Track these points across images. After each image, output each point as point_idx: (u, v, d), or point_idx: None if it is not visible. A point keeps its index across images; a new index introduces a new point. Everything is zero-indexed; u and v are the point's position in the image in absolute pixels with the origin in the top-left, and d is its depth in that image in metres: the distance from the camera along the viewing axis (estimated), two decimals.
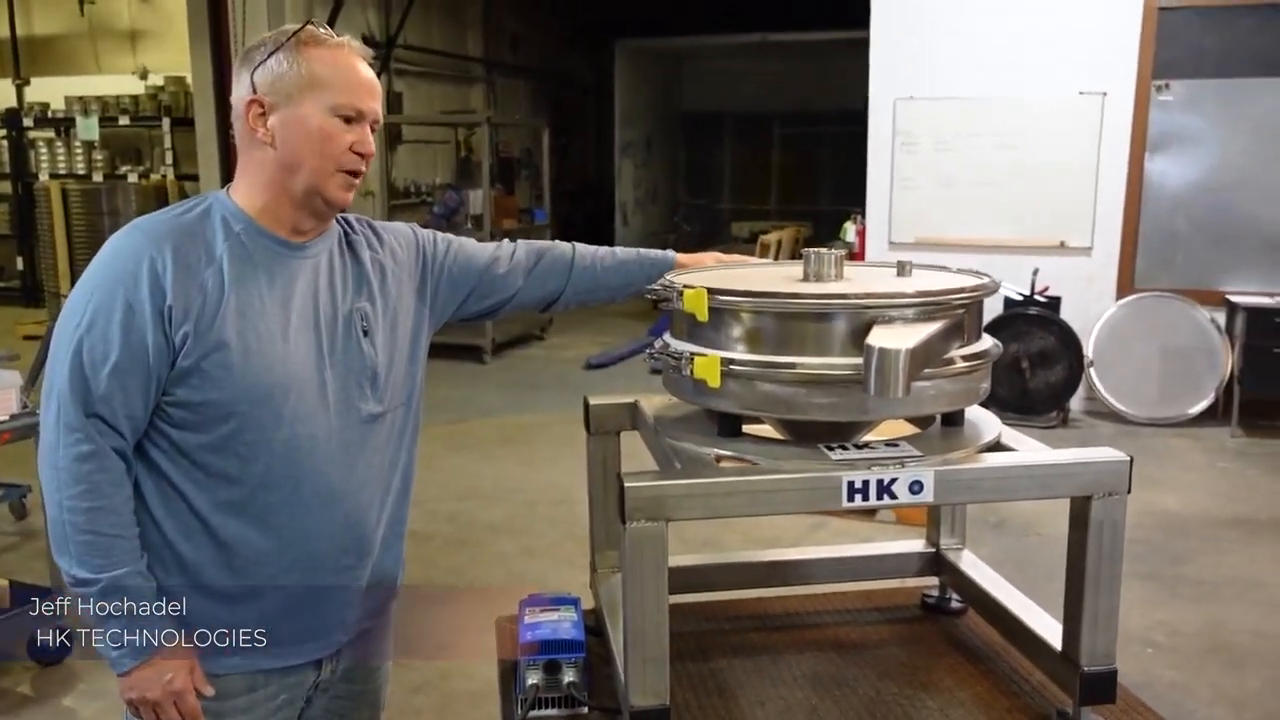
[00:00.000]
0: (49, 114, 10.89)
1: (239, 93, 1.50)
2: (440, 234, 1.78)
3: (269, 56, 1.48)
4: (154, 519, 1.48)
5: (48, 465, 1.44)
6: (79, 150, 10.48)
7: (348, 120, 1.49)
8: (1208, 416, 6.37)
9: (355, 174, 1.52)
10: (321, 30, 1.51)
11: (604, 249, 1.86)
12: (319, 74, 1.47)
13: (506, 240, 1.86)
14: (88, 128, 10.32)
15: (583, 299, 1.84)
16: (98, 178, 10.23)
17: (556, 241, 1.87)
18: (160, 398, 1.44)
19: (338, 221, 1.62)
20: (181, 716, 1.47)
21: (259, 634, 1.51)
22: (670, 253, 1.88)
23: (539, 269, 1.80)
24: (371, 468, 1.58)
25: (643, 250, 1.90)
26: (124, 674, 1.45)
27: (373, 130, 1.53)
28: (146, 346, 1.40)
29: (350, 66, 1.50)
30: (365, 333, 1.57)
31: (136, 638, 1.43)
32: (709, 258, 1.87)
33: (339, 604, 1.58)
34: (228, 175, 8.25)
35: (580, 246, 1.85)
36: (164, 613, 1.45)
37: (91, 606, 1.43)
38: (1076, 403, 6.63)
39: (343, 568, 1.57)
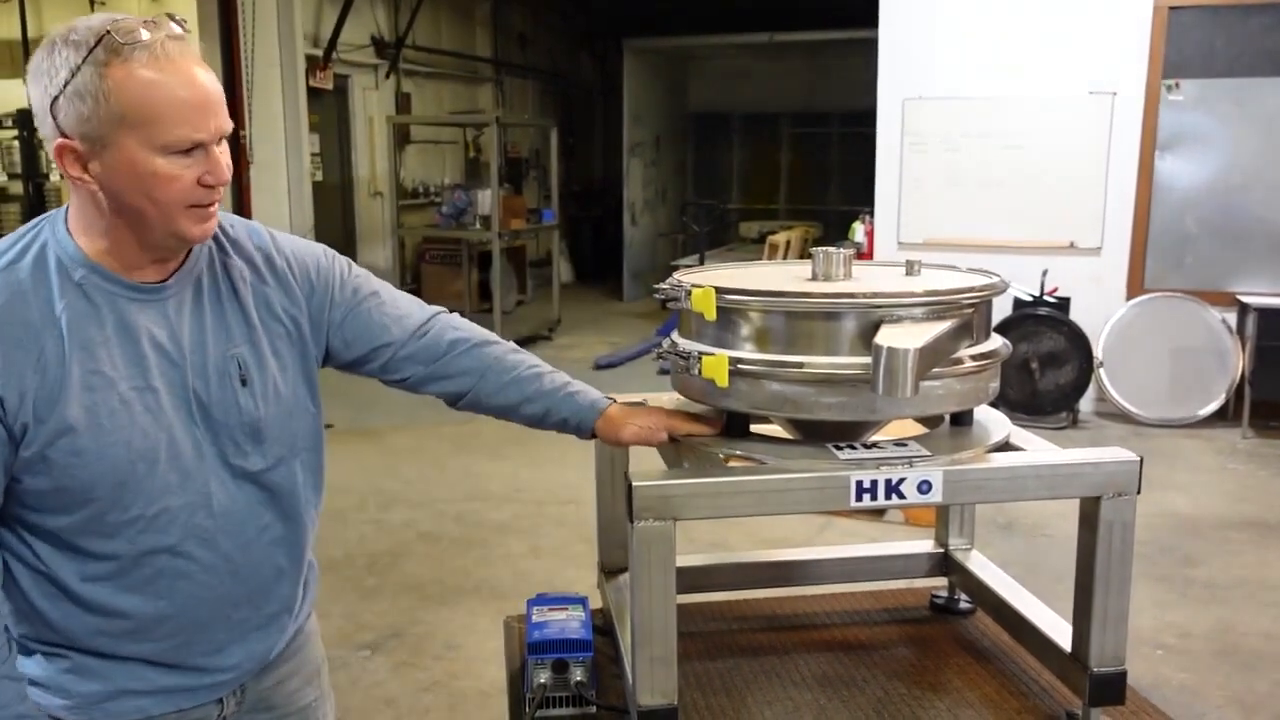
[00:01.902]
0: None
1: (43, 128, 1.22)
2: (363, 280, 1.54)
3: (65, 86, 1.17)
4: (19, 587, 1.31)
5: None
6: None
7: (186, 152, 1.22)
8: (1218, 418, 6.35)
9: (210, 204, 1.28)
10: (128, 36, 1.18)
11: (532, 370, 1.59)
12: (136, 105, 1.18)
13: (443, 315, 1.61)
14: None
15: (490, 411, 1.59)
16: None
17: (491, 337, 1.61)
18: (9, 482, 1.25)
19: (214, 239, 1.39)
20: None
21: (149, 683, 1.37)
22: (602, 401, 1.59)
23: (447, 360, 1.55)
24: (263, 521, 1.41)
25: (571, 389, 1.60)
26: None
27: (220, 143, 1.27)
28: None
29: (176, 83, 1.20)
30: (243, 382, 1.36)
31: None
32: (646, 414, 1.58)
33: (236, 654, 1.43)
34: (236, 180, 8.27)
35: (510, 356, 1.59)
36: (35, 715, 1.30)
37: None
38: (1086, 404, 6.61)
39: (236, 621, 1.41)
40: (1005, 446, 1.54)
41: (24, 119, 10.38)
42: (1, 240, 1.30)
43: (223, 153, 1.28)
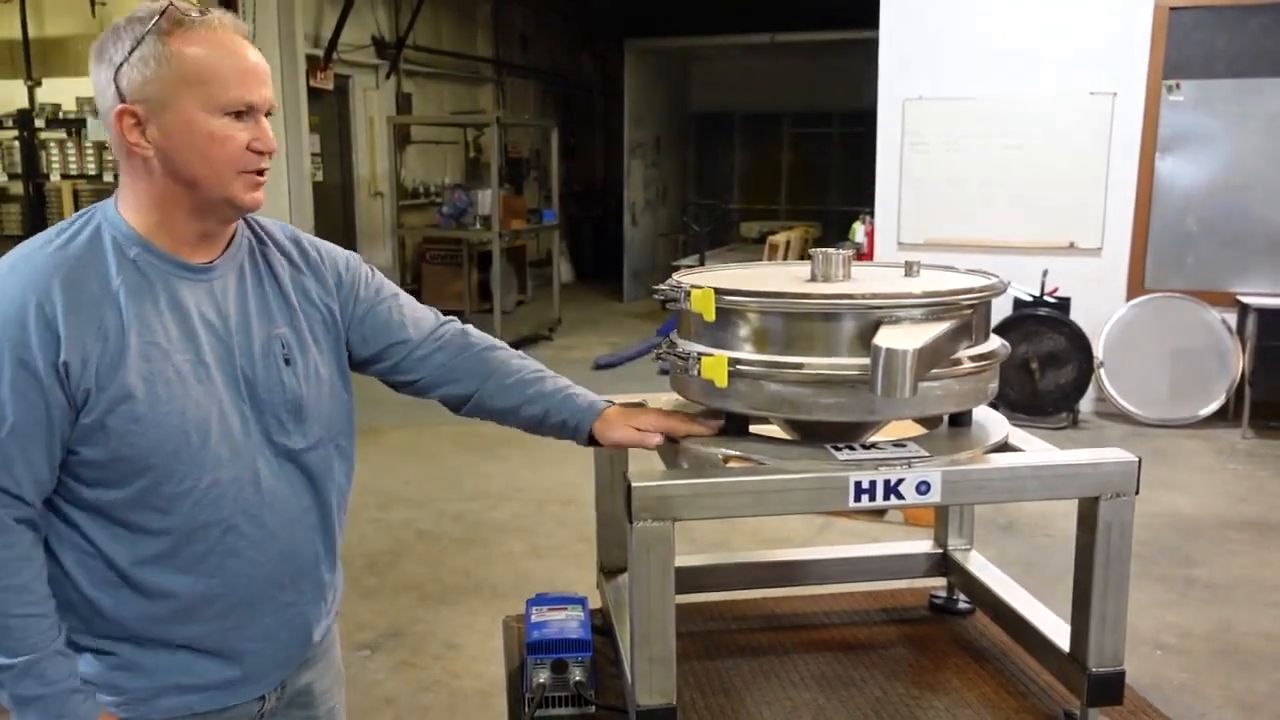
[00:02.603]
0: (60, 115, 10.94)
1: (104, 101, 1.29)
2: (385, 283, 1.59)
3: (131, 53, 1.26)
4: (69, 576, 1.33)
5: None
6: (90, 151, 10.52)
7: (239, 115, 1.30)
8: (1218, 418, 6.35)
9: (260, 172, 1.34)
10: (186, 12, 1.28)
11: (534, 374, 1.62)
12: (195, 68, 1.27)
13: (455, 322, 1.65)
14: (98, 129, 10.35)
15: (492, 415, 1.62)
16: (108, 178, 10.23)
17: (497, 343, 1.65)
18: (65, 455, 1.29)
19: (250, 230, 1.46)
20: None
21: (196, 677, 1.40)
22: (600, 404, 1.60)
23: (456, 363, 1.59)
24: (304, 503, 1.45)
25: (571, 392, 1.62)
26: None
27: (268, 116, 1.34)
28: (45, 406, 1.24)
29: (230, 51, 1.29)
30: (287, 361, 1.41)
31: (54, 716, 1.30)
32: (643, 415, 1.58)
33: (280, 641, 1.47)
34: None
35: (514, 360, 1.63)
36: (87, 690, 1.33)
37: (5, 692, 1.29)
38: (1086, 404, 6.61)
39: (280, 605, 1.45)
40: (1004, 447, 1.55)
41: (24, 119, 10.34)
42: (53, 227, 1.36)
43: (268, 128, 1.35)
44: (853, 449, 1.47)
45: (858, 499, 1.38)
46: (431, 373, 1.59)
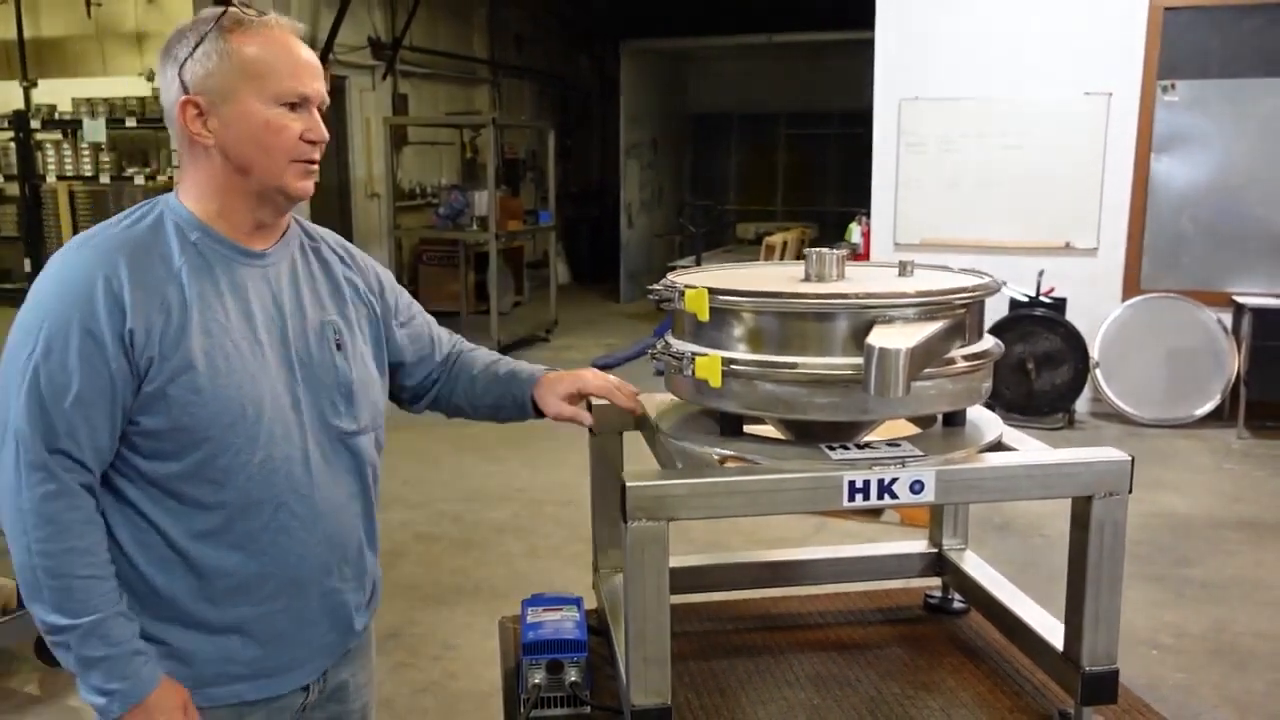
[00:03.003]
0: (56, 116, 10.93)
1: (169, 95, 1.38)
2: (409, 296, 1.72)
3: (195, 49, 1.36)
4: (124, 552, 1.38)
5: (10, 507, 1.31)
6: (86, 152, 10.51)
7: (293, 107, 1.38)
8: (1214, 418, 6.36)
9: (311, 162, 1.42)
10: (246, 11, 1.39)
11: (490, 357, 1.78)
12: (254, 61, 1.36)
13: (460, 339, 1.81)
14: (95, 129, 10.35)
15: (464, 409, 1.76)
16: (105, 179, 10.25)
17: (471, 346, 1.81)
18: (126, 426, 1.34)
19: (301, 229, 1.55)
20: None
21: (244, 665, 1.44)
22: (536, 372, 1.75)
23: (454, 373, 1.75)
24: (350, 486, 1.51)
25: (517, 366, 1.77)
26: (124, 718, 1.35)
27: (320, 110, 1.43)
28: (109, 374, 1.30)
29: (285, 48, 1.39)
30: (338, 346, 1.49)
31: (123, 683, 1.34)
32: (587, 375, 1.74)
33: (324, 628, 1.51)
34: None
35: (480, 354, 1.78)
36: (149, 652, 1.37)
37: (71, 654, 1.33)
38: (1082, 404, 6.62)
39: (327, 590, 1.50)
40: (997, 446, 1.55)
41: (20, 120, 10.34)
42: (118, 214, 1.43)
43: (320, 121, 1.44)
44: (847, 448, 1.47)
45: (852, 498, 1.39)
46: (441, 387, 1.75)
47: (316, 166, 1.44)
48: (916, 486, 1.40)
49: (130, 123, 10.38)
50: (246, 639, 1.43)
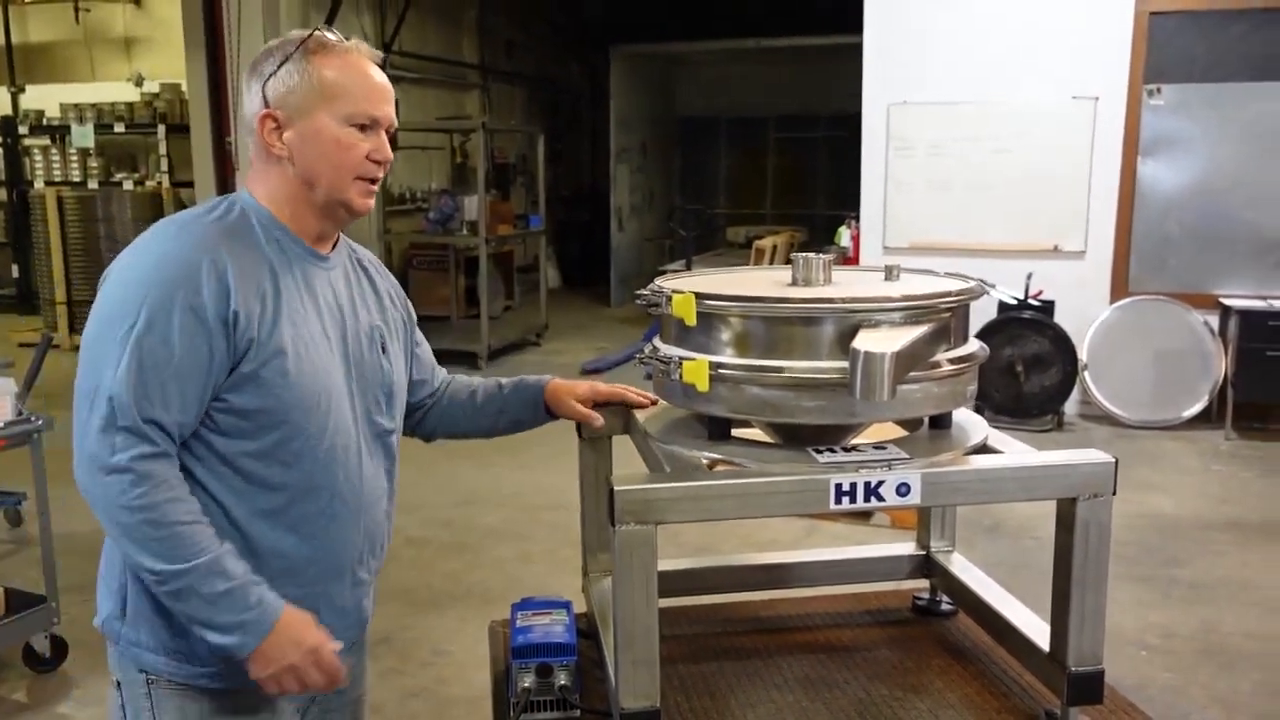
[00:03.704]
0: (44, 121, 10.90)
1: (251, 107, 1.48)
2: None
3: (279, 68, 1.46)
4: None
5: (97, 472, 1.34)
6: (74, 157, 10.49)
7: (363, 128, 1.47)
8: (1201, 419, 6.39)
9: (374, 180, 1.51)
10: (330, 36, 1.49)
11: (492, 386, 1.86)
12: (331, 83, 1.45)
13: (443, 371, 1.89)
14: (83, 135, 10.33)
15: (448, 419, 1.84)
16: (93, 185, 10.23)
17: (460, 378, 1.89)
18: (211, 403, 1.40)
19: (344, 239, 1.63)
20: (324, 673, 1.43)
21: None
22: (543, 379, 1.84)
23: (446, 408, 1.83)
24: (383, 483, 1.61)
25: (521, 377, 1.87)
26: (251, 654, 1.38)
27: (388, 134, 1.52)
28: (208, 352, 1.37)
29: (361, 72, 1.48)
30: (383, 349, 1.60)
31: (252, 611, 1.37)
32: (583, 389, 1.81)
33: (350, 615, 1.59)
34: (222, 182, 8.20)
35: (477, 383, 1.87)
36: (264, 581, 1.41)
37: (195, 597, 1.35)
38: (1071, 406, 6.65)
39: (357, 580, 1.59)
40: (983, 449, 1.56)
41: (8, 126, 10.29)
42: (197, 207, 1.52)
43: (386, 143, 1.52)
44: (834, 451, 1.48)
45: (838, 501, 1.40)
46: (430, 412, 1.83)
47: (377, 185, 1.53)
48: (903, 489, 1.41)
49: (119, 128, 10.37)
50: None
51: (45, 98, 11.20)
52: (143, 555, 1.35)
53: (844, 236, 7.98)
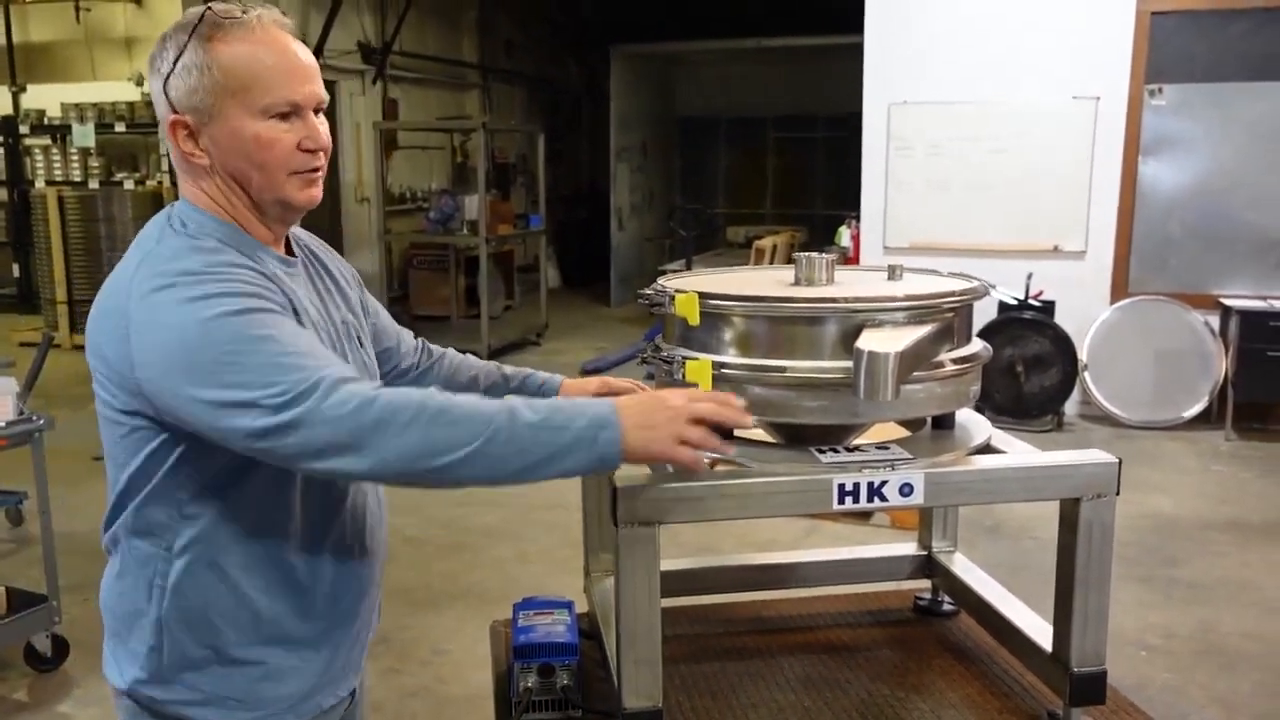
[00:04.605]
0: (45, 121, 10.90)
1: (159, 109, 1.31)
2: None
3: (175, 63, 1.27)
4: (226, 575, 1.32)
5: (368, 433, 1.17)
6: (75, 157, 10.49)
7: (284, 116, 1.29)
8: (1201, 420, 6.39)
9: (314, 170, 1.34)
10: (227, 13, 1.28)
11: (494, 368, 1.73)
12: (236, 73, 1.26)
13: (409, 333, 1.75)
14: (84, 134, 10.32)
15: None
16: (94, 184, 10.22)
17: (454, 352, 1.76)
18: None
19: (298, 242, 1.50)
20: (719, 402, 1.29)
21: (321, 674, 1.44)
22: (556, 377, 1.71)
23: (426, 370, 1.70)
24: (380, 494, 1.54)
25: (531, 373, 1.73)
26: (631, 448, 1.23)
27: (318, 113, 1.33)
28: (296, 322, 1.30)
29: (273, 50, 1.28)
30: (360, 343, 1.50)
31: (589, 418, 1.22)
32: (594, 384, 1.67)
33: (369, 630, 1.55)
34: None
35: (473, 360, 1.75)
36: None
37: (542, 445, 1.21)
38: (1071, 406, 6.65)
39: (373, 601, 1.54)
40: (986, 449, 1.56)
41: (8, 125, 10.29)
42: (149, 234, 1.32)
43: (320, 124, 1.34)
44: (836, 451, 1.48)
45: (841, 501, 1.39)
46: (415, 380, 1.68)
47: (320, 173, 1.36)
48: (905, 489, 1.41)
49: (119, 127, 10.36)
50: (332, 648, 1.44)
51: (46, 97, 11.20)
52: (458, 451, 1.19)
53: (844, 236, 7.98)
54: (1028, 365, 6.35)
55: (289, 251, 1.44)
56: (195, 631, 1.33)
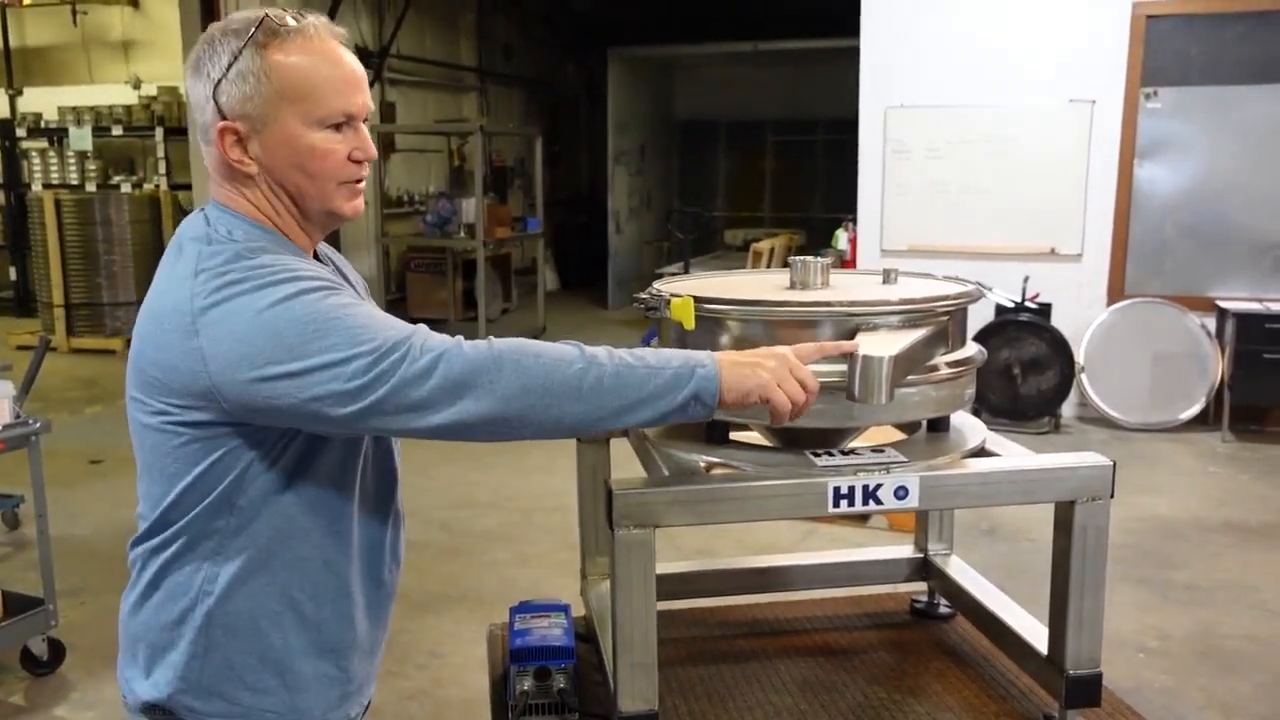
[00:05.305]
0: (42, 124, 10.90)
1: (204, 118, 1.28)
2: None
3: (229, 69, 1.25)
4: (275, 579, 1.32)
5: (475, 392, 1.18)
6: (72, 160, 10.49)
7: (338, 127, 1.29)
8: (1198, 422, 6.40)
9: (359, 180, 1.34)
10: (282, 21, 1.27)
11: None
12: (295, 82, 1.25)
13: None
14: (81, 138, 10.33)
15: None
16: (91, 188, 10.24)
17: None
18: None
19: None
20: (809, 383, 1.30)
21: (356, 682, 1.46)
22: None
23: None
24: (396, 504, 1.53)
25: None
26: (728, 384, 1.25)
27: (365, 122, 1.34)
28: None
29: (329, 61, 1.28)
30: None
31: (685, 357, 1.25)
32: None
33: (387, 633, 1.56)
34: None
35: None
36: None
37: (645, 392, 1.22)
38: (1068, 409, 6.65)
39: (390, 608, 1.54)
40: (981, 452, 1.56)
41: (5, 129, 10.28)
42: (189, 240, 1.28)
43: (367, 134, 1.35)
44: (832, 455, 1.48)
45: (836, 504, 1.40)
46: None
47: (364, 184, 1.35)
48: (901, 492, 1.41)
49: (116, 131, 10.37)
50: (366, 654, 1.46)
51: (43, 100, 11.20)
52: (569, 387, 1.21)
53: (841, 239, 7.99)
54: (1025, 368, 6.35)
55: (316, 259, 1.42)
56: (241, 638, 1.32)
